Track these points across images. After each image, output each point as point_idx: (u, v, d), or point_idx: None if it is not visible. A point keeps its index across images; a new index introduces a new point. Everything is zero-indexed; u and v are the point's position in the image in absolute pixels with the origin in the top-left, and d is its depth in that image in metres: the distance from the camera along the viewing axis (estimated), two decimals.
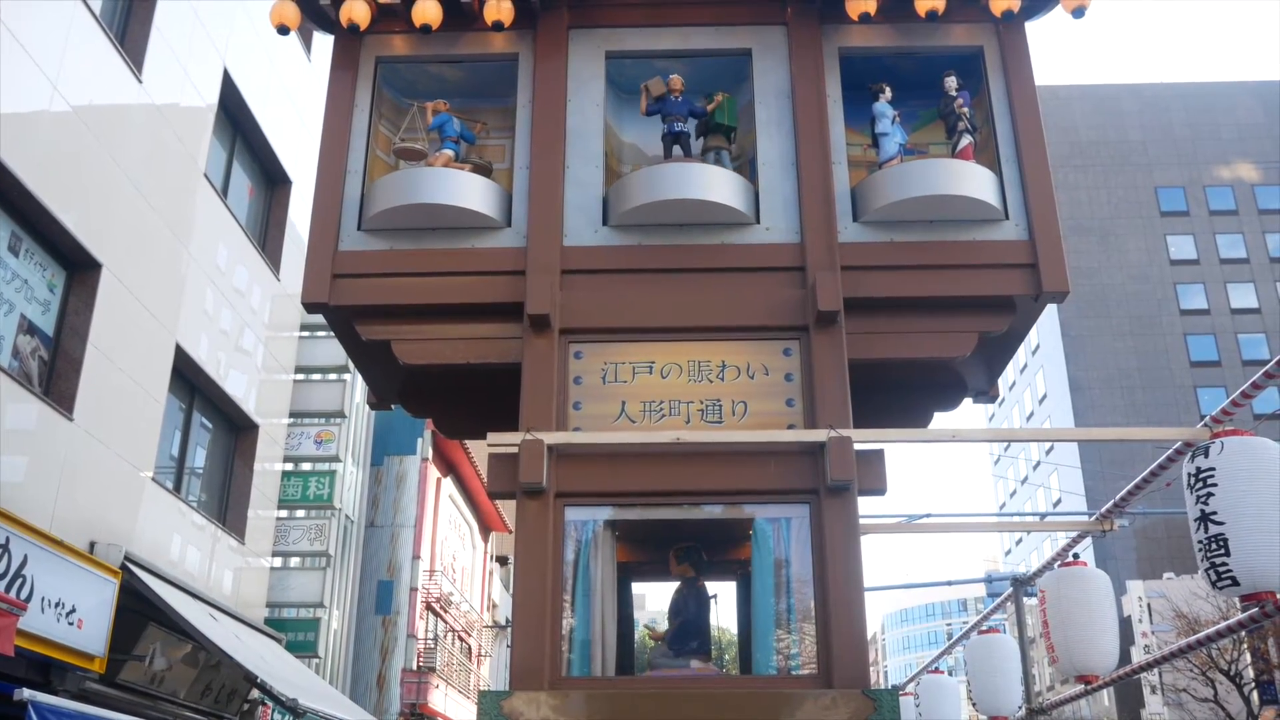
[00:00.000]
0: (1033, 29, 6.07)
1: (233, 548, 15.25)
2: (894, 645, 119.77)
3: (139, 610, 11.61)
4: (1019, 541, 66.85)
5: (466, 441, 22.52)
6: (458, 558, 27.17)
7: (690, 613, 5.88)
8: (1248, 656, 37.34)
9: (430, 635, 23.67)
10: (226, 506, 15.68)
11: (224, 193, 15.47)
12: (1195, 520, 5.10)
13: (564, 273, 5.64)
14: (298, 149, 17.52)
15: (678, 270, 5.69)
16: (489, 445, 5.31)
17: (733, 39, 6.22)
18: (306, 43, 18.71)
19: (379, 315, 5.71)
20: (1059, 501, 57.51)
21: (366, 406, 14.84)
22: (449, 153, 6.03)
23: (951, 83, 6.09)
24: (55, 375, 11.20)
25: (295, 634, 17.38)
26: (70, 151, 11.24)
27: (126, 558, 11.44)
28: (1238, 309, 58.08)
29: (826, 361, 5.38)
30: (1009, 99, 5.98)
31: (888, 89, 6.09)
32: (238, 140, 16.41)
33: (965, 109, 6.03)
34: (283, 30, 6.13)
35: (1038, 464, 59.85)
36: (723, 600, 6.24)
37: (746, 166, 6.11)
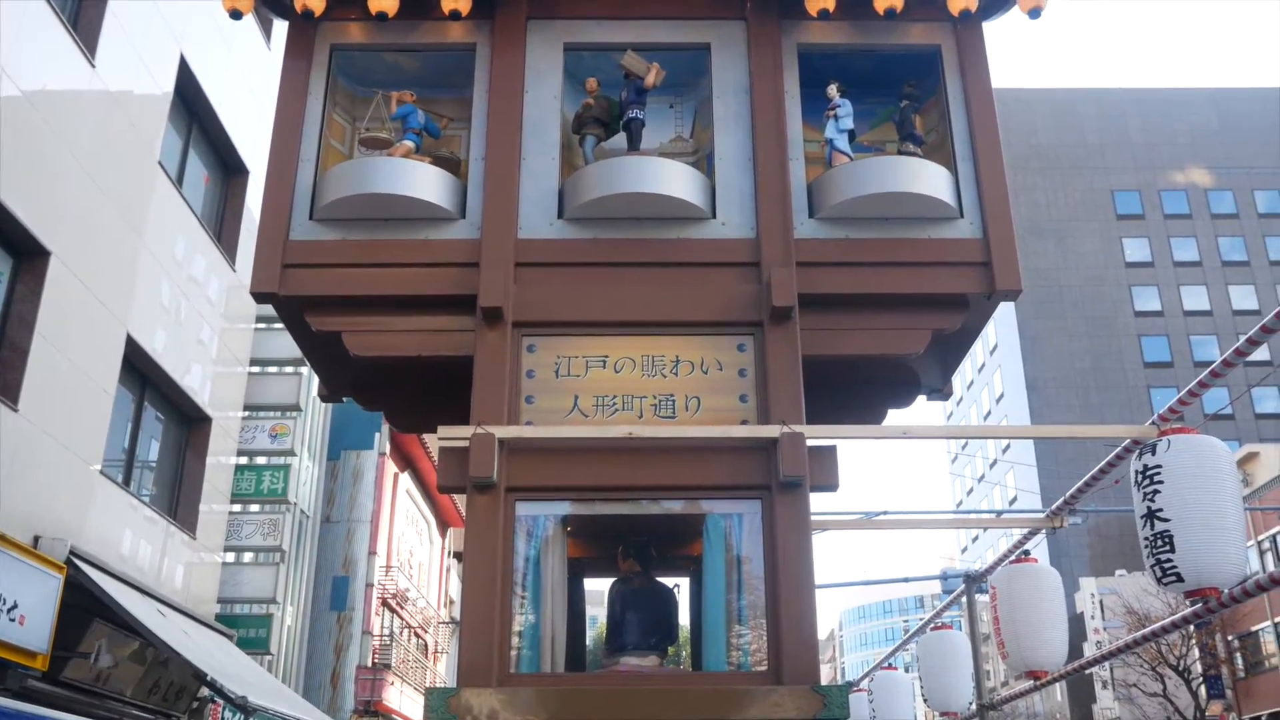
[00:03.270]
0: (991, 29, 6.15)
1: (184, 542, 15.04)
2: (852, 641, 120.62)
3: (84, 606, 11.41)
4: (975, 538, 67.52)
5: (424, 436, 22.38)
6: (415, 553, 27.00)
7: (641, 609, 5.86)
8: (1196, 651, 37.98)
9: (386, 632, 23.50)
10: (178, 501, 15.47)
11: (179, 181, 15.25)
12: (1142, 517, 5.14)
13: (518, 265, 5.59)
14: (256, 138, 17.31)
15: (633, 264, 5.66)
16: (439, 439, 5.26)
17: (692, 33, 6.19)
18: (266, 30, 18.49)
19: (330, 306, 5.63)
20: (1015, 499, 58.13)
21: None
22: (409, 144, 5.97)
23: (913, 109, 6.13)
24: (0, 365, 11.01)
25: (247, 630, 17.19)
26: (19, 136, 11.02)
27: (72, 552, 11.24)
28: (1190, 311, 59.02)
29: (780, 357, 5.38)
30: (965, 98, 5.99)
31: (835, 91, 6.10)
32: (194, 128, 16.19)
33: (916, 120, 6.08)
34: (235, 15, 6.03)
35: (994, 462, 60.46)
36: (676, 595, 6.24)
37: (704, 161, 6.10)
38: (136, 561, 13.46)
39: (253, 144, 17.23)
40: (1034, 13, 5.85)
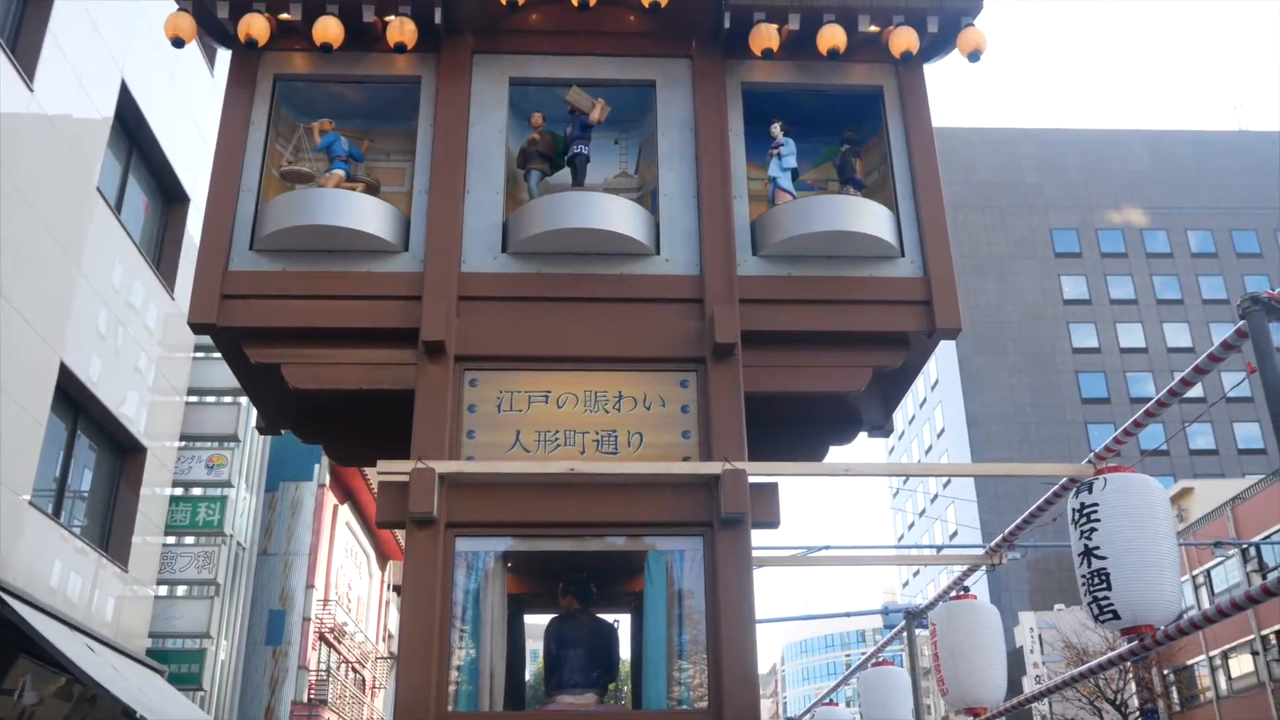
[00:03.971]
0: (932, 71, 6.28)
1: (115, 575, 14.70)
2: (794, 676, 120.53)
3: (9, 641, 11.12)
4: (916, 573, 68.00)
5: (365, 469, 22.11)
6: (353, 587, 26.61)
7: (581, 645, 5.83)
8: (1133, 686, 38.49)
9: (323, 667, 23.10)
10: (110, 532, 15.12)
11: (118, 208, 15.01)
12: (1079, 555, 5.22)
13: (461, 299, 5.59)
14: (197, 166, 17.12)
15: (576, 299, 5.68)
16: (378, 473, 5.21)
17: (637, 70, 6.24)
18: (210, 57, 18.34)
19: (269, 338, 5.58)
20: (955, 534, 58.70)
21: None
22: (340, 172, 5.93)
23: (853, 151, 6.22)
24: None
25: (179, 666, 16.80)
26: None
27: None
28: (1126, 348, 60.26)
29: (723, 394, 5.41)
30: (907, 138, 6.10)
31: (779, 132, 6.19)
32: (134, 154, 15.97)
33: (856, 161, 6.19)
34: (177, 43, 5.98)
35: (935, 497, 61.09)
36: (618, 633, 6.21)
37: (648, 197, 6.14)
38: (66, 594, 13.12)
39: (194, 171, 17.04)
40: (973, 56, 5.98)
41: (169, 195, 17.01)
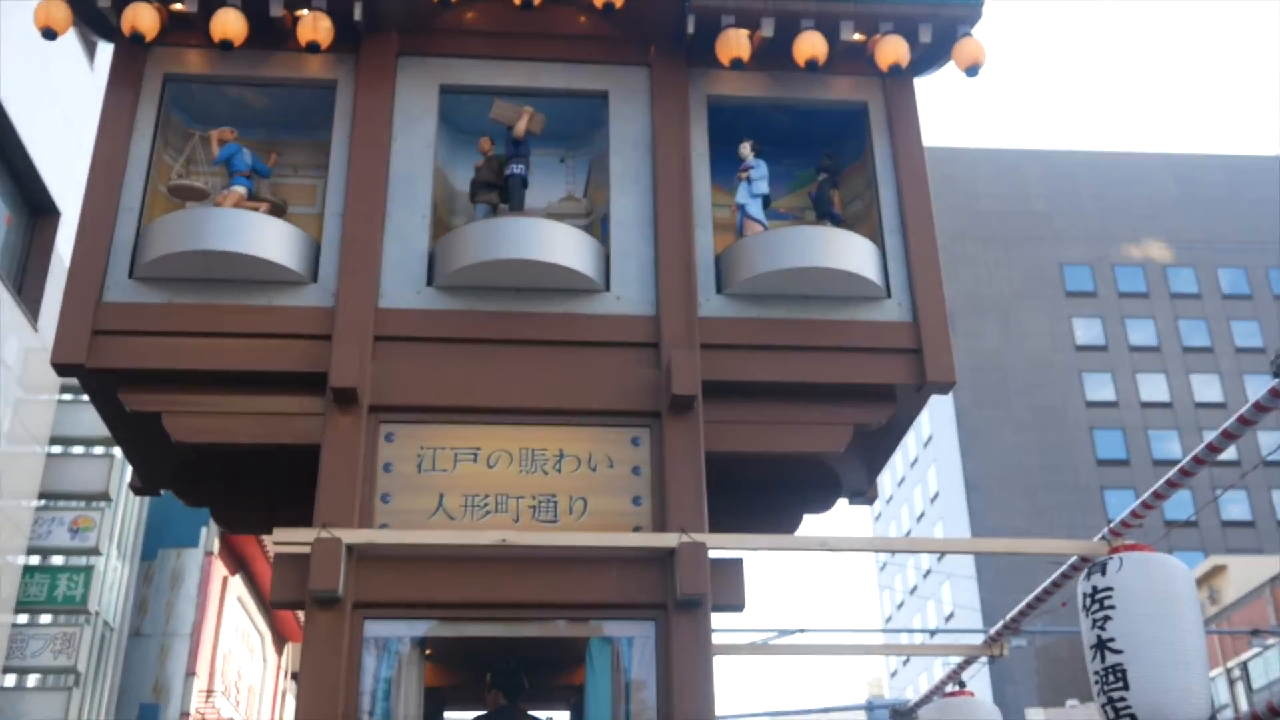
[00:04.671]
0: (925, 84, 6.42)
1: None
2: None
3: None
4: (906, 661, 68.00)
5: (262, 536, 21.81)
6: (244, 675, 26.17)
7: None
8: None
9: None
10: None
11: None
12: (1091, 648, 5.18)
13: (378, 339, 5.59)
14: (70, 176, 16.97)
15: (512, 342, 5.71)
16: (274, 544, 5.17)
17: (587, 79, 6.31)
18: (90, 51, 18.27)
19: (149, 382, 5.52)
20: (951, 616, 58.70)
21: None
22: (241, 190, 5.93)
23: (830, 180, 6.32)
24: None
25: None
26: None
27: None
28: (1148, 402, 60.80)
29: (680, 454, 5.44)
30: (895, 161, 6.19)
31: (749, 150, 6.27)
32: None
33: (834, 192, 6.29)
34: (48, 34, 5.94)
35: (928, 572, 61.15)
36: None
37: (597, 224, 6.19)
38: None
39: (67, 182, 16.87)
40: (971, 70, 6.06)
41: (34, 207, 16.81)
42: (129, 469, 20.08)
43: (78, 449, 17.38)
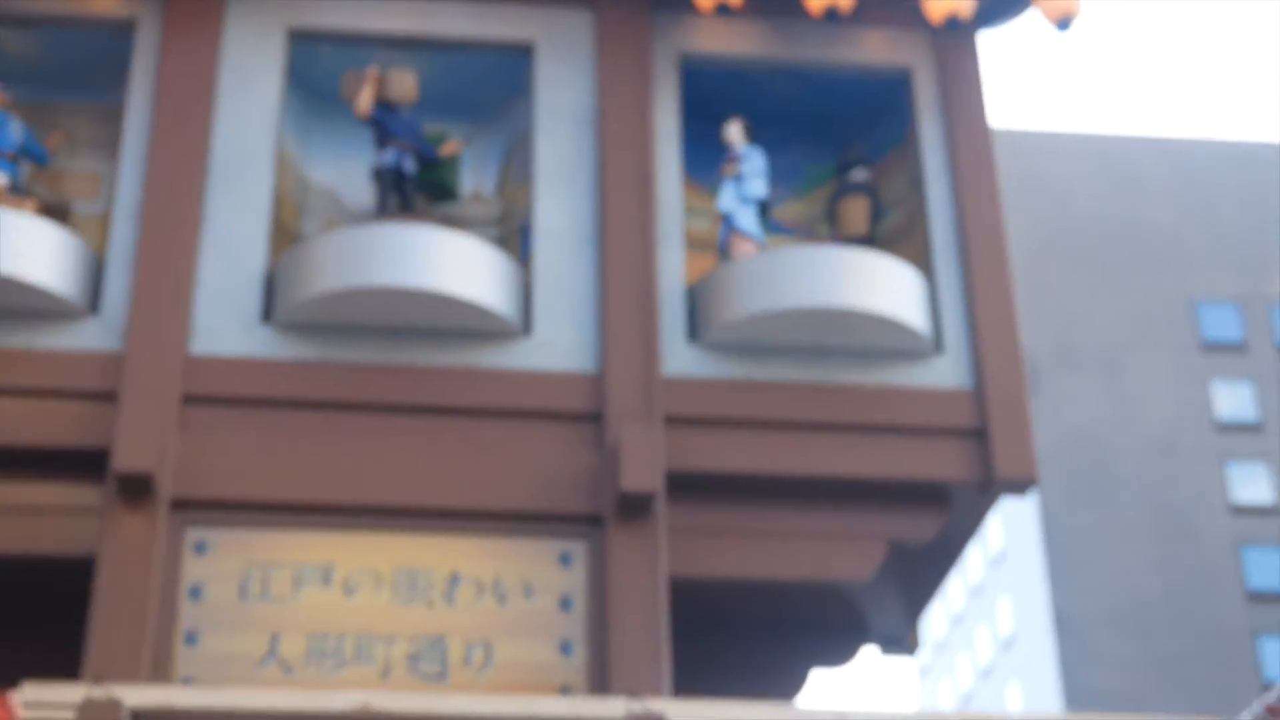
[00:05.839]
0: (991, 44, 6.37)
1: None
2: None
3: None
4: None
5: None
6: None
7: None
8: None
9: None
10: None
11: None
12: None
13: (187, 402, 5.38)
14: None
15: (385, 408, 5.50)
16: (24, 707, 5.04)
17: (502, 23, 6.13)
18: None
19: None
20: None
21: None
22: (1, 180, 5.73)
23: (863, 173, 6.18)
24: None
25: None
26: None
27: None
28: None
29: (632, 580, 5.22)
30: (950, 153, 6.04)
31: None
32: None
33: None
34: None
35: None
36: None
37: (515, 237, 5.98)
38: None
39: None
40: (1063, 23, 5.93)
41: None
42: None
43: None
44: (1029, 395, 5.77)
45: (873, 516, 5.59)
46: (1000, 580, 60.11)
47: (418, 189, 6.02)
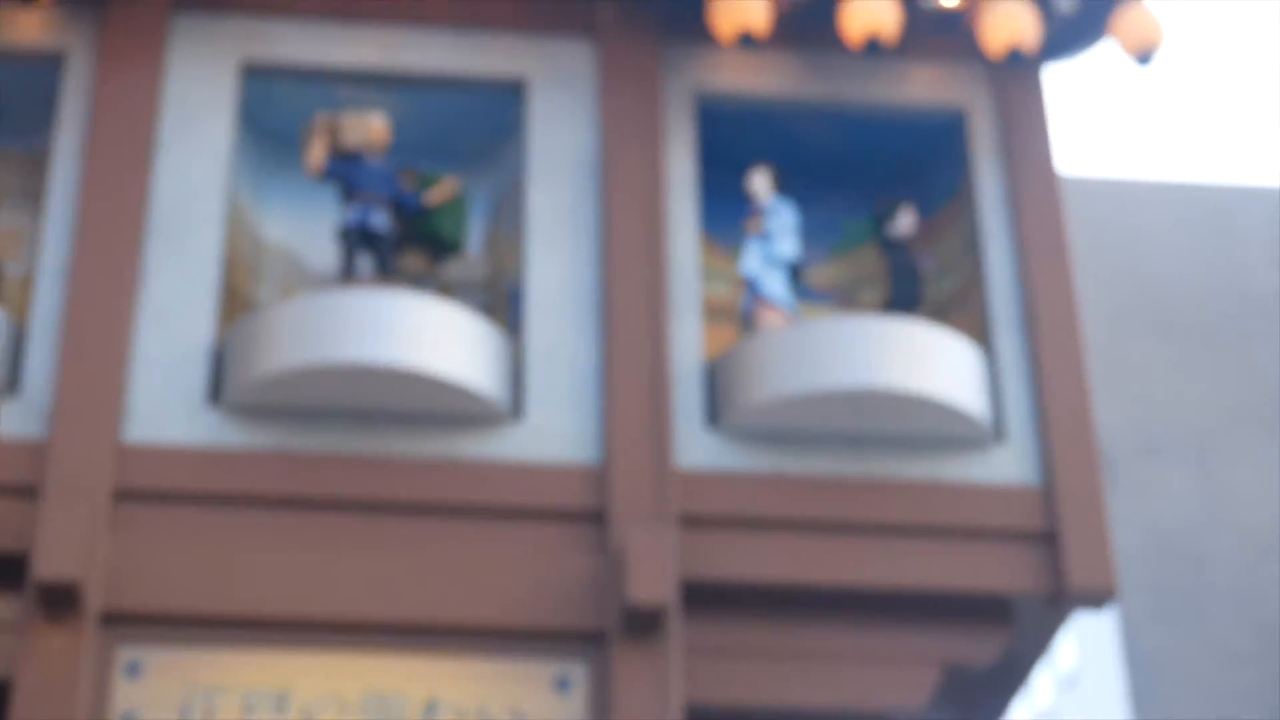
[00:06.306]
0: (1058, 79, 6.34)
1: None
2: None
3: None
4: None
5: None
6: None
7: None
8: None
9: None
10: None
11: None
12: None
13: (119, 498, 5.32)
14: None
15: (349, 506, 5.44)
16: None
17: (490, 58, 6.11)
18: None
19: None
20: None
21: None
22: None
23: (908, 222, 6.13)
24: None
25: None
26: None
27: None
28: None
29: (641, 706, 5.14)
30: (1012, 203, 6.00)
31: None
32: None
33: (923, 264, 6.04)
34: None
35: None
36: None
37: (504, 304, 5.92)
38: None
39: None
40: (1144, 56, 5.90)
41: None
42: None
43: None
44: (1106, 491, 5.71)
45: (924, 635, 5.52)
46: (1074, 707, 59.75)
47: (413, 245, 5.99)
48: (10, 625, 5.31)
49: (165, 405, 5.63)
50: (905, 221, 6.17)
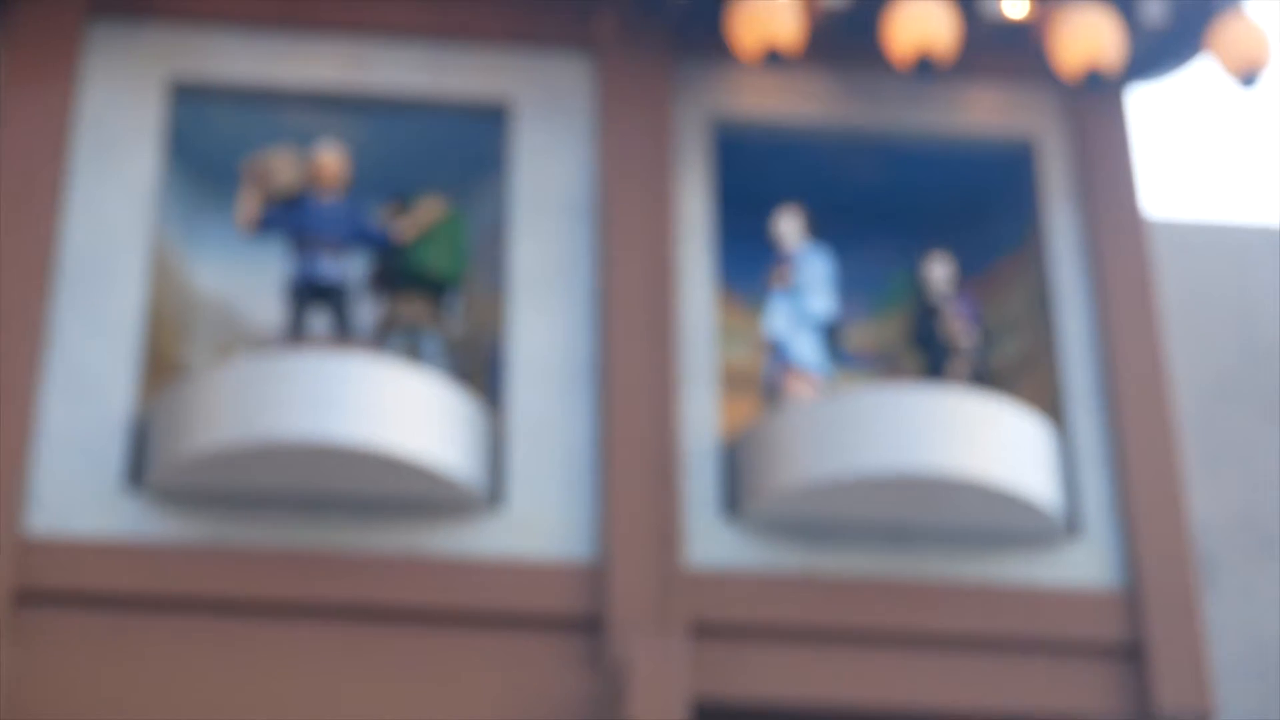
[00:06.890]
0: (1145, 104, 6.35)
1: None
2: None
3: None
4: None
5: None
6: None
7: None
8: None
9: None
10: None
11: None
12: None
13: (19, 600, 5.27)
14: None
15: (297, 609, 5.38)
16: None
17: (468, 78, 6.07)
18: None
19: None
20: None
21: None
22: None
23: (940, 273, 6.09)
24: None
25: None
26: None
27: None
28: None
29: None
30: (1089, 251, 5.95)
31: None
32: None
33: (962, 321, 6.02)
34: None
35: None
36: None
37: (482, 371, 5.87)
38: None
39: None
40: (1249, 77, 5.83)
41: None
42: None
43: None
44: (1202, 595, 5.70)
45: None
46: None
47: (405, 288, 5.98)
48: None
49: (76, 490, 5.59)
50: (936, 273, 6.07)
